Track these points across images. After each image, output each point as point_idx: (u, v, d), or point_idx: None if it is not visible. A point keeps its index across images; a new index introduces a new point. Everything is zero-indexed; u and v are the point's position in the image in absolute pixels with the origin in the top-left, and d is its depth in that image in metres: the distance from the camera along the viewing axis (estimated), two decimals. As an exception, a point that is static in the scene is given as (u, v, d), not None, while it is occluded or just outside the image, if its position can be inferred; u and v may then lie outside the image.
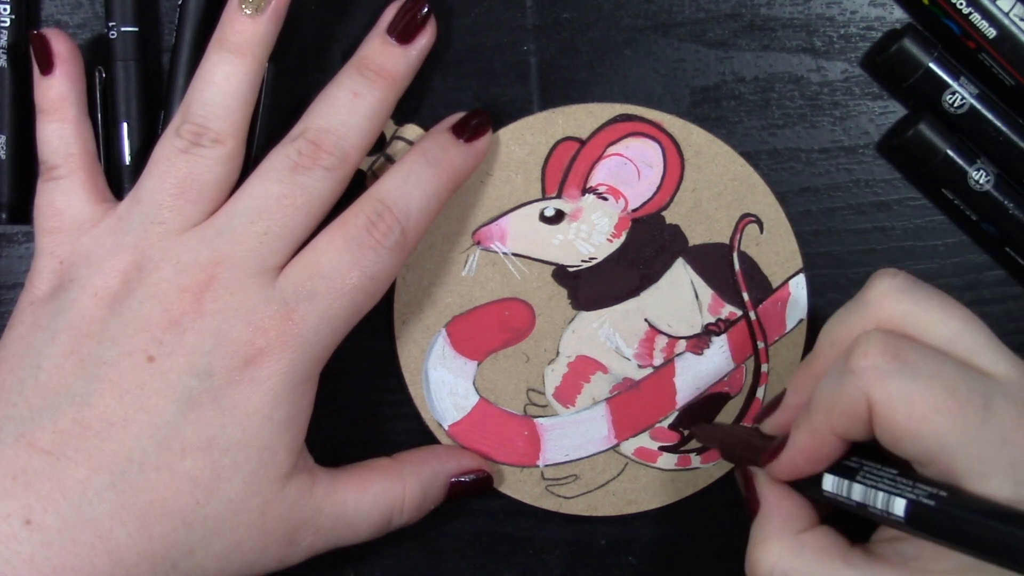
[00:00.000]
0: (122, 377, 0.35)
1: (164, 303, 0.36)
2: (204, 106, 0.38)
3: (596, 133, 0.42)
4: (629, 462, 0.43)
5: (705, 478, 0.43)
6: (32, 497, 0.34)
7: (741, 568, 0.44)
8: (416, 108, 0.42)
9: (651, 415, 0.43)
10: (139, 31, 0.41)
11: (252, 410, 0.36)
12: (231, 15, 0.38)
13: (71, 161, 0.39)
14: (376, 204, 0.38)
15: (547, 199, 0.42)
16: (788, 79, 0.43)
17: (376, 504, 0.40)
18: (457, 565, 0.44)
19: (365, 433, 0.43)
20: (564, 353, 0.43)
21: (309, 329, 0.37)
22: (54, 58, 0.39)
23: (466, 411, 0.43)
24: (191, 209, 0.37)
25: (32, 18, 0.42)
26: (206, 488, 0.36)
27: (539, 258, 0.43)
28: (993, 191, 0.41)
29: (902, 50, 0.41)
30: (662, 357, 0.43)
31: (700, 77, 0.43)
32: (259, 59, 0.38)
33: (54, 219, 0.38)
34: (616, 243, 0.43)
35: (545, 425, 0.43)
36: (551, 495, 0.43)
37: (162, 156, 0.38)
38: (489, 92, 0.43)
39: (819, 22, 0.43)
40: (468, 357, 0.43)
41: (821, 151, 0.43)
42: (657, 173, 0.43)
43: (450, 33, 0.42)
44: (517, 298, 0.43)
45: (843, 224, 0.43)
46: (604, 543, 0.44)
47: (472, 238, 0.42)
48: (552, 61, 0.43)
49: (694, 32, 0.43)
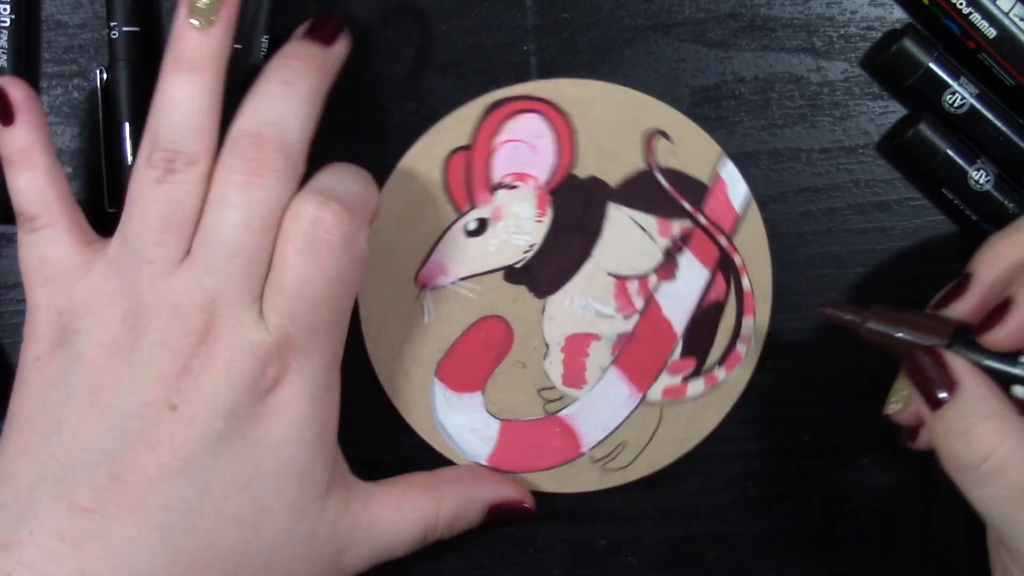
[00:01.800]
0: (149, 429, 0.35)
1: (172, 350, 0.35)
2: (171, 129, 0.37)
3: (476, 133, 0.42)
4: (663, 406, 0.43)
5: (738, 385, 0.43)
6: (84, 558, 0.34)
7: (741, 568, 0.44)
8: (416, 108, 0.42)
9: (659, 355, 0.43)
10: (140, 31, 0.41)
11: (282, 438, 0.36)
12: (181, 30, 0.37)
13: (50, 210, 0.37)
14: (314, 196, 0.36)
15: (463, 215, 0.42)
16: (788, 79, 0.43)
17: (411, 522, 0.39)
18: (457, 565, 0.44)
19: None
20: (553, 342, 0.43)
21: (307, 347, 0.36)
22: (13, 107, 0.37)
23: (493, 440, 0.43)
24: (177, 242, 0.36)
25: (32, 18, 0.42)
26: (253, 524, 0.36)
27: (485, 271, 0.43)
28: (993, 191, 0.41)
29: (902, 50, 0.41)
30: (642, 299, 0.43)
31: (700, 77, 0.43)
32: (217, 72, 0.37)
33: (45, 270, 0.37)
34: (546, 220, 0.43)
35: (571, 414, 0.43)
36: (610, 472, 0.43)
37: (139, 192, 0.37)
38: (489, 92, 0.42)
39: (819, 22, 0.43)
40: (470, 391, 0.43)
41: (821, 151, 0.43)
42: (549, 140, 0.42)
43: (450, 33, 0.42)
44: (485, 317, 0.43)
45: (843, 224, 0.43)
46: (604, 543, 0.44)
47: (416, 285, 0.42)
48: (552, 61, 0.42)
49: (694, 32, 0.43)
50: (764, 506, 0.44)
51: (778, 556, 0.44)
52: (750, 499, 0.44)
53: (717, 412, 0.43)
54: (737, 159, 0.43)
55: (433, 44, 0.41)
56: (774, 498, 0.44)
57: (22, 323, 0.38)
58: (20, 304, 0.42)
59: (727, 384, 0.43)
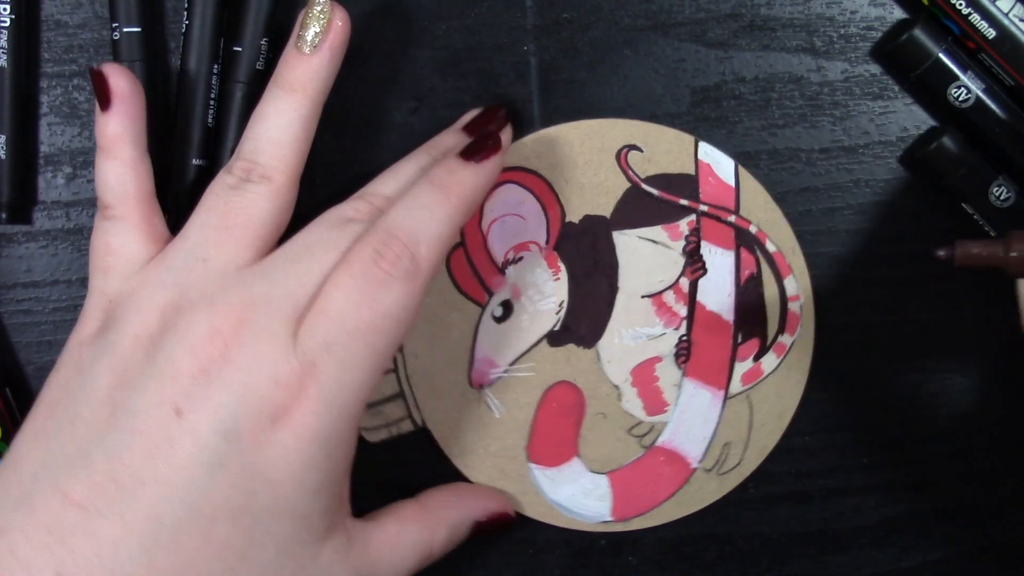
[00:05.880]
0: (151, 431, 0.34)
1: (195, 348, 0.35)
2: (255, 143, 0.38)
3: (463, 228, 0.42)
4: (748, 394, 0.43)
5: (808, 340, 0.43)
6: (65, 552, 0.33)
7: (741, 568, 0.44)
8: (416, 108, 0.43)
9: (723, 349, 0.43)
10: (142, 31, 0.41)
11: (282, 477, 0.35)
12: (287, 53, 0.38)
13: (126, 202, 0.38)
14: (381, 234, 0.36)
15: (486, 306, 0.43)
16: (788, 79, 0.43)
17: (409, 556, 0.39)
18: (457, 565, 0.44)
19: None
20: (621, 382, 0.43)
21: (331, 382, 0.35)
22: (111, 95, 0.38)
23: (608, 495, 0.43)
24: (235, 247, 0.37)
25: (32, 18, 0.42)
26: (239, 554, 0.34)
27: (529, 347, 0.43)
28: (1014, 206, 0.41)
29: (912, 39, 0.41)
30: (683, 306, 0.43)
31: (700, 77, 0.43)
32: (312, 97, 0.38)
33: (108, 258, 0.38)
34: (563, 276, 0.43)
35: (668, 439, 0.43)
36: (727, 475, 0.43)
37: (212, 194, 0.38)
38: (489, 92, 0.43)
39: (819, 22, 0.43)
40: (567, 460, 0.43)
41: (821, 151, 0.43)
42: (532, 202, 0.43)
43: (450, 33, 0.42)
44: (549, 388, 0.43)
45: (843, 224, 0.43)
46: (604, 543, 0.44)
47: (474, 388, 0.43)
48: (552, 61, 0.43)
49: (694, 32, 0.43)
50: (764, 506, 0.44)
51: (778, 556, 0.44)
52: (750, 499, 0.44)
53: (800, 374, 0.43)
54: (737, 159, 0.43)
55: (433, 44, 0.41)
56: (774, 498, 0.44)
57: (22, 323, 0.38)
58: (20, 304, 0.42)
59: (797, 344, 0.43)
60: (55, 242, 0.42)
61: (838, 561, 0.44)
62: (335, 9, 0.38)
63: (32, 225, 0.42)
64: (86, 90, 0.42)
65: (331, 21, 0.38)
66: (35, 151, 0.42)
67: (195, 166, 0.41)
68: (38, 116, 0.42)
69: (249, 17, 0.41)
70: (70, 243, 0.42)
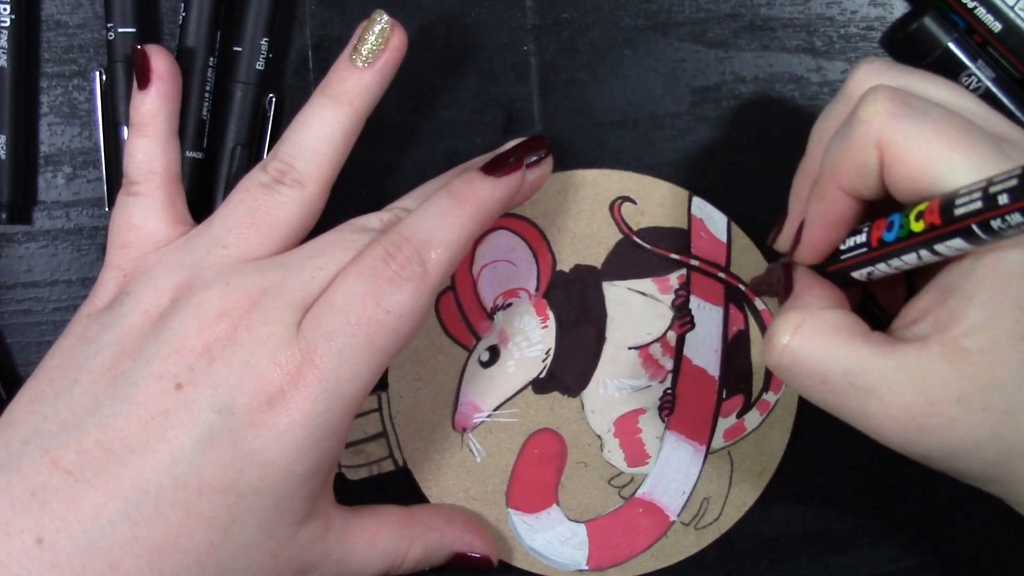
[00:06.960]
0: (149, 401, 0.35)
1: (202, 325, 0.35)
2: (293, 147, 0.38)
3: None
4: (729, 449, 0.43)
5: (793, 399, 0.43)
6: (47, 516, 0.34)
7: (741, 568, 0.44)
8: (416, 108, 0.43)
9: (707, 404, 0.43)
10: (137, 32, 0.41)
11: (272, 460, 0.35)
12: (340, 64, 0.38)
13: (152, 179, 0.39)
14: (394, 236, 0.36)
15: (473, 350, 0.43)
16: (788, 79, 0.43)
17: (380, 557, 0.39)
18: None
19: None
20: (603, 432, 0.43)
21: (329, 371, 0.35)
22: (151, 74, 0.39)
23: (585, 543, 0.43)
24: (257, 240, 0.37)
25: (32, 18, 0.42)
26: (221, 530, 0.35)
27: (514, 393, 0.43)
28: None
29: (922, 28, 0.41)
30: (669, 359, 0.43)
31: (700, 77, 0.43)
32: (357, 110, 0.38)
33: (129, 233, 0.38)
34: (551, 324, 0.43)
35: (648, 491, 0.43)
36: (706, 529, 0.43)
37: (243, 188, 0.38)
38: (489, 92, 0.43)
39: (819, 22, 0.43)
40: (546, 508, 0.43)
41: None
42: (524, 250, 0.43)
43: (450, 33, 0.43)
44: (532, 434, 0.43)
45: None
46: None
47: (457, 431, 0.43)
48: (552, 61, 0.43)
49: (694, 32, 0.43)
50: (764, 506, 0.44)
51: (778, 556, 0.44)
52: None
53: (782, 433, 0.43)
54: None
55: (433, 44, 0.41)
56: (775, 498, 0.44)
57: (22, 323, 0.38)
58: (20, 304, 0.42)
59: (781, 403, 0.43)
60: (55, 242, 0.43)
61: (838, 561, 0.44)
62: (395, 28, 0.38)
63: (32, 225, 0.42)
64: (86, 90, 0.42)
65: (390, 39, 0.38)
66: (35, 151, 0.42)
67: (189, 159, 0.41)
68: (38, 116, 0.42)
69: (249, 17, 0.41)
70: (70, 243, 0.43)
